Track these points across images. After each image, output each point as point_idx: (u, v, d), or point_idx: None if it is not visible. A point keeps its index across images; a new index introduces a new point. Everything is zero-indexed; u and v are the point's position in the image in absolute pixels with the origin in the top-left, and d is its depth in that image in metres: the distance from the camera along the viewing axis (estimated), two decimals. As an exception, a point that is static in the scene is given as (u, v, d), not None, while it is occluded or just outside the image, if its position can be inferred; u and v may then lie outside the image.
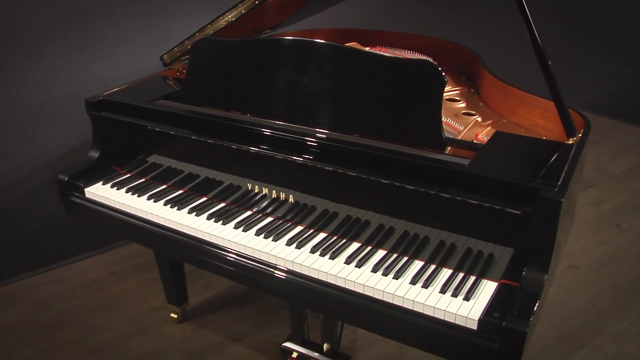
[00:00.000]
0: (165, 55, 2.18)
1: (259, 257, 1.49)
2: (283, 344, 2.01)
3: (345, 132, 1.53)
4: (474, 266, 1.35)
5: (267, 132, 1.58)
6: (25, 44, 2.41)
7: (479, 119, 1.86)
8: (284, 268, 1.45)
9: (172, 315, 2.38)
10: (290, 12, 2.60)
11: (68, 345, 2.25)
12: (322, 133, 1.55)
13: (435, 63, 1.43)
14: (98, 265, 2.78)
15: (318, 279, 1.39)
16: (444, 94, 2.07)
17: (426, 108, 1.42)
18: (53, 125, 2.57)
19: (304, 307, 1.78)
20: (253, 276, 1.50)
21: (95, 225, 1.96)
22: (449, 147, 1.49)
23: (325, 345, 1.94)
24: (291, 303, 1.84)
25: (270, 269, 1.47)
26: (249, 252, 1.51)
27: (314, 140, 1.51)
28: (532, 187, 1.21)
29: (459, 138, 1.61)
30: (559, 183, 1.23)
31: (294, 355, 1.99)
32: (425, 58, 1.46)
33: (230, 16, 1.95)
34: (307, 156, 1.51)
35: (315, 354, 1.96)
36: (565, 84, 4.83)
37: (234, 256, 1.53)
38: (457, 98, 2.05)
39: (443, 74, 1.40)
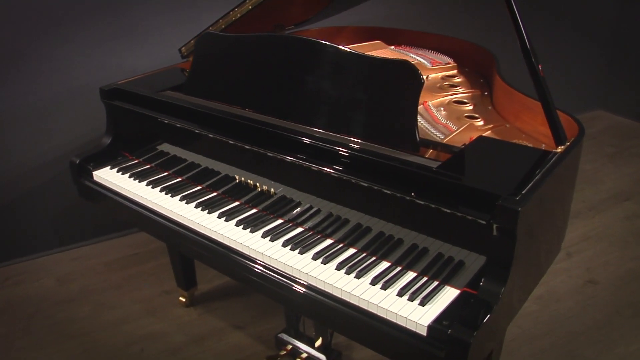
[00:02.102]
0: (183, 48, 2.26)
1: (235, 247, 1.53)
2: (278, 335, 2.04)
3: (323, 130, 1.54)
4: (440, 272, 1.33)
5: (248, 125, 1.62)
6: (59, 32, 2.56)
7: (481, 123, 1.82)
8: (254, 258, 1.48)
9: (180, 298, 2.46)
10: (316, 9, 2.62)
11: (81, 320, 2.38)
12: (298, 128, 1.56)
13: (414, 64, 1.41)
14: (121, 246, 2.91)
15: (283, 272, 1.42)
16: (452, 96, 2.04)
17: (402, 109, 1.41)
18: (84, 111, 2.71)
19: (266, 295, 1.81)
20: (230, 265, 1.54)
21: (100, 207, 2.04)
22: (427, 150, 1.46)
23: (318, 341, 1.96)
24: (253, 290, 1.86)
25: (245, 260, 1.50)
26: (226, 242, 1.55)
27: (288, 135, 1.53)
28: (492, 194, 1.18)
29: (447, 140, 1.58)
30: (523, 192, 1.18)
31: (288, 347, 2.02)
32: (404, 59, 1.43)
33: (239, 11, 1.99)
34: (282, 151, 1.53)
35: (307, 348, 1.98)
36: (618, 91, 4.57)
37: (209, 243, 1.58)
38: (465, 100, 2.01)
39: (421, 75, 1.38)
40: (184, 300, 2.46)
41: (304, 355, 1.98)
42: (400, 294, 1.27)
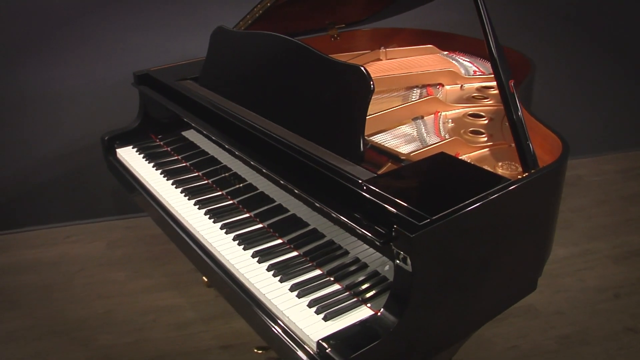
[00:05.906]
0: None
1: (196, 236, 1.59)
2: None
3: (285, 129, 1.54)
4: (366, 290, 1.27)
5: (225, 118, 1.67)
6: (116, 18, 2.78)
7: (484, 139, 1.70)
8: (206, 247, 1.54)
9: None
10: (374, 9, 2.58)
11: (114, 283, 2.61)
12: (258, 122, 1.59)
13: (366, 70, 1.34)
14: (172, 221, 3.11)
15: (224, 265, 1.45)
16: (471, 108, 1.91)
17: (349, 116, 1.35)
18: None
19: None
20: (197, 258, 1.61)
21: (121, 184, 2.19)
22: (383, 161, 1.40)
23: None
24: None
25: (200, 252, 1.56)
26: (188, 225, 1.62)
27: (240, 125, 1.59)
28: (394, 215, 1.10)
29: (417, 153, 1.48)
30: (434, 217, 1.09)
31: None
32: (358, 64, 1.37)
33: (261, 7, 2.02)
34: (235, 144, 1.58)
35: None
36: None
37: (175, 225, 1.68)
38: (482, 114, 1.88)
39: (371, 82, 1.32)
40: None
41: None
42: (311, 304, 1.24)
